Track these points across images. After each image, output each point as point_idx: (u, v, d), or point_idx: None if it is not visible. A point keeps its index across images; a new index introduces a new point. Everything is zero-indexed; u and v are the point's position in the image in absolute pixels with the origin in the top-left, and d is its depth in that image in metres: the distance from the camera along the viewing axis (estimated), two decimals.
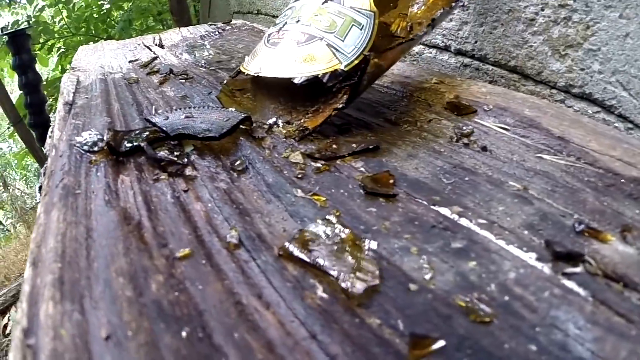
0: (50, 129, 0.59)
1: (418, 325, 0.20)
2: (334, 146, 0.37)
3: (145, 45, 0.91)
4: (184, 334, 0.19)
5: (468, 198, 0.29)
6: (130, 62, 0.77)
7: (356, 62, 0.40)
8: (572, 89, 0.48)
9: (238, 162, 0.36)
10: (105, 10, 2.21)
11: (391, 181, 0.31)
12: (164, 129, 0.41)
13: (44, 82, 1.89)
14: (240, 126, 0.43)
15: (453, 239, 0.25)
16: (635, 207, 0.28)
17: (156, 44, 0.91)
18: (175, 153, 0.38)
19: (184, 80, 0.63)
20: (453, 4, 0.44)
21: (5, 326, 1.35)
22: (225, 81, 0.49)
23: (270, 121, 0.43)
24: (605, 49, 0.43)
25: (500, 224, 0.27)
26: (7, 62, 1.71)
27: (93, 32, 2.15)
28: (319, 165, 0.35)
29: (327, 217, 0.27)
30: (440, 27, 0.63)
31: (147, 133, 0.40)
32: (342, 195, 0.31)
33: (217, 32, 0.95)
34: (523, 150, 0.35)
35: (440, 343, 0.18)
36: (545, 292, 0.21)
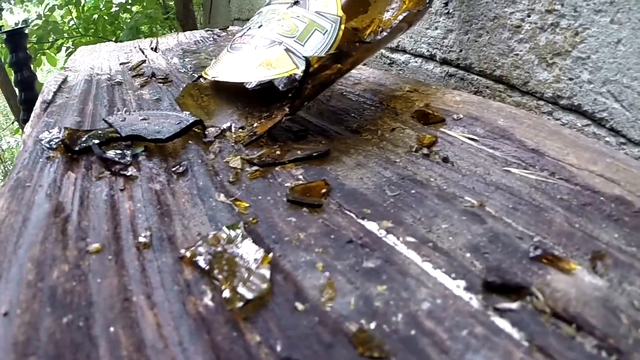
0: (25, 126, 0.60)
1: (296, 350, 0.17)
2: (278, 152, 0.34)
3: (140, 49, 0.91)
4: (65, 320, 0.19)
5: (408, 213, 0.25)
6: (121, 64, 0.77)
7: (316, 66, 0.37)
8: (560, 100, 0.43)
9: (179, 165, 0.35)
10: (113, 12, 2.27)
11: (324, 190, 0.27)
12: (118, 129, 0.40)
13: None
14: (195, 130, 0.41)
15: (367, 258, 0.21)
16: (613, 231, 0.24)
17: (152, 48, 0.91)
18: (119, 152, 0.37)
19: (162, 84, 0.62)
20: (421, 8, 0.41)
21: None
22: (185, 85, 0.48)
23: (225, 126, 0.41)
24: (595, 56, 0.39)
25: (436, 244, 0.22)
26: None
27: (101, 34, 2.20)
28: (254, 170, 0.32)
29: (235, 224, 0.24)
30: (425, 36, 0.59)
31: (105, 133, 0.40)
32: (267, 203, 0.27)
33: (212, 38, 0.95)
34: (489, 162, 0.31)
35: None
36: (463, 330, 0.17)
